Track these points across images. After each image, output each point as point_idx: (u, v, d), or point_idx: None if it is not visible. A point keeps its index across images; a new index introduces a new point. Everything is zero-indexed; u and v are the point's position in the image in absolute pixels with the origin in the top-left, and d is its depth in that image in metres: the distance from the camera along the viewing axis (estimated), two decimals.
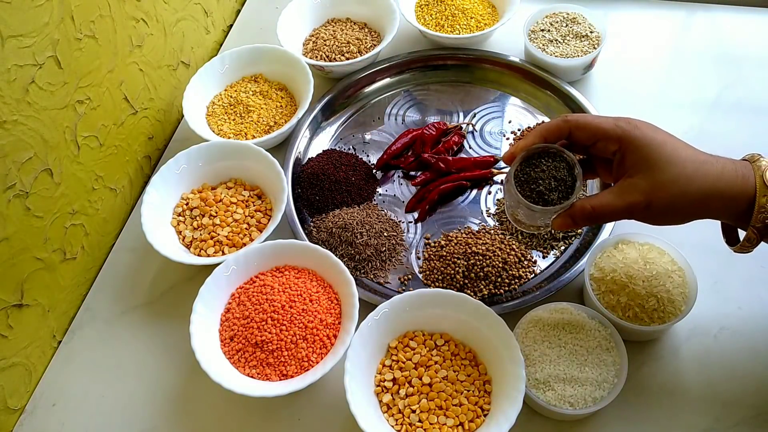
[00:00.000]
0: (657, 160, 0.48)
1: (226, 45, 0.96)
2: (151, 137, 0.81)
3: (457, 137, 0.78)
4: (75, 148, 0.66)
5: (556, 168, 0.52)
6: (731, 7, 0.90)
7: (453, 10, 0.87)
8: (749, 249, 0.50)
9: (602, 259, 0.62)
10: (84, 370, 0.65)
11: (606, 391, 0.54)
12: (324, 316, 0.60)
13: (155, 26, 0.78)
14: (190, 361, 0.63)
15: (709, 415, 0.57)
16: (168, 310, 0.69)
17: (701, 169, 0.48)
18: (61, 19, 0.61)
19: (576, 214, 0.51)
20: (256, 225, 0.70)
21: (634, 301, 0.59)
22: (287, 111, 0.81)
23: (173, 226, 0.71)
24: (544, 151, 0.52)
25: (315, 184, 0.74)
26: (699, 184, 0.48)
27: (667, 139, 0.50)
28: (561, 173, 0.52)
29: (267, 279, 0.64)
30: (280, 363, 0.59)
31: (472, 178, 0.74)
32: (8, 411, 0.62)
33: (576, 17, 0.84)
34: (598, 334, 0.57)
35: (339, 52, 0.86)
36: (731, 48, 0.85)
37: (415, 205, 0.74)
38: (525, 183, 0.52)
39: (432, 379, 0.56)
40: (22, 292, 0.61)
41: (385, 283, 0.68)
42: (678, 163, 0.48)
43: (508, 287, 0.66)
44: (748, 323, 0.62)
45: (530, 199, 0.52)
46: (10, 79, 0.56)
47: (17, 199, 0.59)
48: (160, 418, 0.61)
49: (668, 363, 0.60)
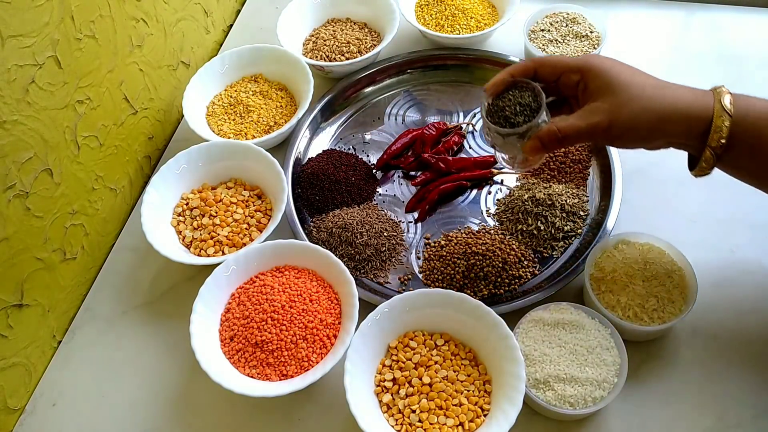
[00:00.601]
0: (617, 84, 0.52)
1: (226, 45, 0.96)
2: (151, 137, 0.81)
3: (457, 137, 0.78)
4: (75, 148, 0.66)
5: (521, 96, 0.56)
6: (731, 7, 0.90)
7: (453, 10, 0.87)
8: (707, 170, 0.52)
9: (602, 259, 0.62)
10: (84, 370, 0.65)
11: (606, 391, 0.54)
12: (324, 316, 0.60)
13: (155, 26, 0.78)
14: (190, 361, 0.63)
15: (709, 415, 0.57)
16: (168, 310, 0.69)
17: (660, 92, 0.51)
18: (61, 19, 0.61)
19: (543, 137, 0.54)
20: (256, 225, 0.70)
21: (634, 301, 0.59)
22: (287, 111, 0.81)
23: (173, 226, 0.71)
24: (512, 85, 0.57)
25: (315, 184, 0.74)
26: (658, 104, 0.51)
27: (626, 67, 0.53)
28: (526, 100, 0.55)
29: (267, 279, 0.64)
30: (280, 363, 0.59)
31: (472, 178, 0.74)
32: (8, 411, 0.62)
33: (576, 17, 0.84)
34: (598, 334, 0.57)
35: (339, 52, 0.86)
36: (731, 48, 0.85)
37: (415, 205, 0.74)
38: (494, 113, 0.56)
39: (432, 379, 0.56)
40: (22, 292, 0.61)
41: (385, 283, 0.68)
42: (637, 85, 0.51)
43: (508, 287, 0.66)
44: (748, 323, 0.62)
45: (498, 124, 0.56)
46: (10, 79, 0.56)
47: (17, 199, 0.59)
48: (161, 418, 0.61)
49: (668, 363, 0.60)
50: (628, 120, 0.51)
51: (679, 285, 0.60)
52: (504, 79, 0.56)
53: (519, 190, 0.72)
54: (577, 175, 0.73)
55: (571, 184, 0.72)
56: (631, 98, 0.51)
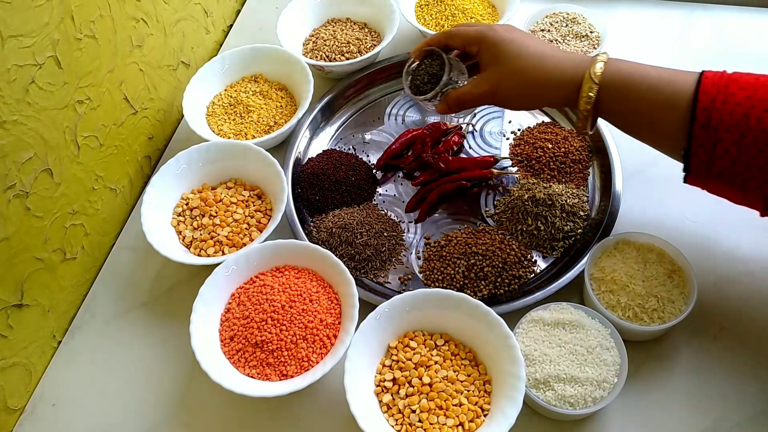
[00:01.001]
0: (504, 56, 0.59)
1: (226, 45, 0.96)
2: (151, 137, 0.81)
3: (457, 137, 0.78)
4: (75, 148, 0.66)
5: (431, 65, 0.65)
6: (731, 7, 0.90)
7: (453, 10, 0.87)
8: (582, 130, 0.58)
9: (602, 259, 0.62)
10: (84, 370, 0.65)
11: (606, 391, 0.54)
12: (324, 316, 0.60)
13: (155, 26, 0.78)
14: (190, 361, 0.63)
15: (709, 415, 0.57)
16: (168, 310, 0.69)
17: (540, 63, 0.58)
18: (61, 19, 0.61)
19: (449, 100, 0.64)
20: (256, 225, 0.70)
21: (634, 301, 0.59)
22: (287, 111, 0.81)
23: (173, 226, 0.71)
24: (428, 53, 0.65)
25: (315, 184, 0.74)
26: (536, 74, 0.58)
27: (517, 37, 0.60)
28: (434, 69, 0.65)
29: (267, 279, 0.64)
30: (280, 363, 0.59)
31: (472, 178, 0.74)
32: (8, 411, 0.62)
33: (576, 17, 0.84)
34: (598, 334, 0.57)
35: (339, 52, 0.86)
36: (731, 48, 0.86)
37: (415, 205, 0.74)
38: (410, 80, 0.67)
39: (432, 379, 0.56)
40: (22, 292, 0.61)
41: (385, 283, 0.68)
42: (520, 57, 0.58)
43: (508, 287, 0.66)
44: (748, 323, 0.62)
45: (412, 90, 0.66)
46: (10, 79, 0.56)
47: (17, 199, 0.59)
48: (161, 417, 0.61)
49: (668, 363, 0.60)
50: (510, 89, 0.60)
51: (679, 285, 0.60)
52: (422, 48, 0.65)
53: (519, 190, 0.72)
54: (577, 175, 0.73)
55: (571, 184, 0.72)
56: (513, 70, 0.59)
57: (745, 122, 0.49)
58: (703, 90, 0.51)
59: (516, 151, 0.77)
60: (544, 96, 0.59)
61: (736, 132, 0.49)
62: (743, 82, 0.50)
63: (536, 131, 0.77)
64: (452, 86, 0.64)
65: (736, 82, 0.50)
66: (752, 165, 0.50)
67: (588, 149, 0.75)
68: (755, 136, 0.49)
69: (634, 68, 0.56)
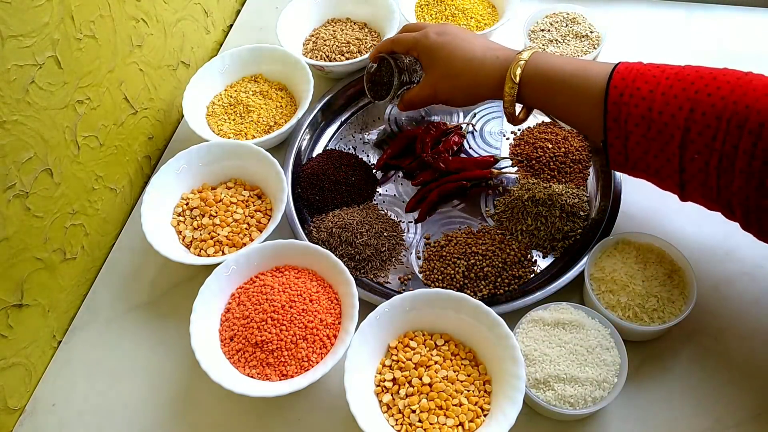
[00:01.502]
0: (435, 62, 0.66)
1: (226, 45, 0.96)
2: (151, 137, 0.81)
3: (457, 137, 0.78)
4: (75, 148, 0.66)
5: (384, 74, 0.73)
6: (731, 7, 0.90)
7: (453, 10, 0.87)
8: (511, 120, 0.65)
9: (602, 259, 0.62)
10: (84, 370, 0.65)
11: (606, 391, 0.54)
12: (324, 316, 0.60)
13: (155, 26, 0.78)
14: (190, 361, 0.63)
15: (709, 416, 0.57)
16: (168, 310, 0.69)
17: (467, 66, 0.64)
18: (61, 19, 0.61)
19: (404, 101, 0.72)
20: (256, 225, 0.70)
21: (634, 301, 0.59)
22: (287, 111, 0.81)
23: (173, 226, 0.71)
24: (381, 60, 0.72)
25: (315, 184, 0.74)
26: (465, 77, 0.65)
27: (448, 42, 0.66)
28: (386, 78, 0.72)
29: (267, 279, 0.64)
30: (280, 363, 0.59)
31: (472, 178, 0.74)
32: (8, 411, 0.62)
33: (576, 17, 0.84)
34: (598, 334, 0.57)
35: (339, 52, 0.86)
36: (731, 48, 0.85)
37: (415, 205, 0.74)
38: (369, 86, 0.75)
39: (432, 379, 0.56)
40: (22, 292, 0.61)
41: (385, 283, 0.68)
42: (449, 63, 0.65)
43: (508, 287, 0.66)
44: (748, 324, 0.62)
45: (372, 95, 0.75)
46: (10, 79, 0.56)
47: (17, 199, 0.59)
48: (160, 418, 0.61)
49: (668, 363, 0.60)
50: (446, 91, 0.67)
51: (679, 285, 0.60)
52: (375, 55, 0.73)
53: (519, 190, 0.72)
54: (577, 175, 0.73)
55: (571, 184, 0.72)
56: (445, 75, 0.66)
57: (649, 115, 0.51)
58: (613, 84, 0.54)
59: (516, 151, 0.77)
60: (477, 94, 0.66)
61: (643, 125, 0.52)
62: (649, 75, 0.53)
63: (536, 131, 0.77)
64: (408, 87, 0.72)
65: (643, 75, 0.53)
66: (661, 156, 0.52)
67: (588, 149, 0.75)
68: (659, 129, 0.51)
69: (552, 64, 0.59)
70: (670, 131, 0.51)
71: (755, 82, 0.48)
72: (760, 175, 0.47)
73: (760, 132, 0.46)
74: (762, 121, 0.46)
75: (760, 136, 0.46)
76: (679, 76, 0.51)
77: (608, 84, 0.54)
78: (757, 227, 0.50)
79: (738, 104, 0.47)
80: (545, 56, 0.60)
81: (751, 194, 0.48)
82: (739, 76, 0.49)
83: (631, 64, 0.55)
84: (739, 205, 0.50)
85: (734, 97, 0.48)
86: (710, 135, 0.49)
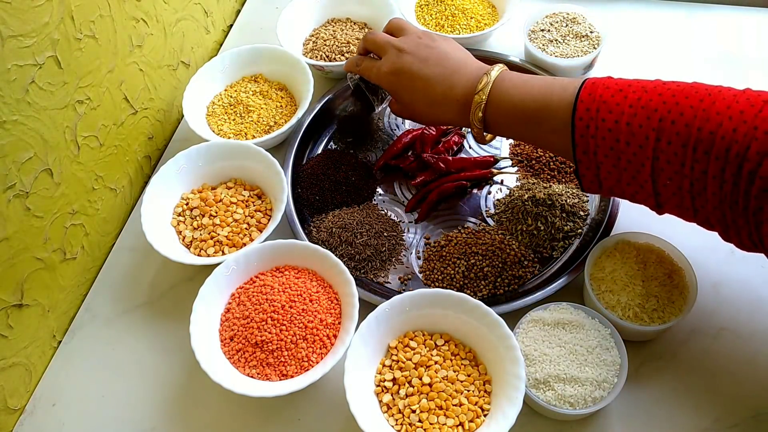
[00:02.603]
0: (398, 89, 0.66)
1: (226, 45, 0.96)
2: (151, 137, 0.81)
3: (457, 137, 0.78)
4: (75, 148, 0.66)
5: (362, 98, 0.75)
6: (731, 7, 0.90)
7: (453, 10, 0.87)
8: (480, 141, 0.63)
9: (602, 259, 0.62)
10: (84, 370, 0.65)
11: (606, 391, 0.54)
12: (324, 316, 0.60)
13: (155, 26, 0.78)
14: (190, 361, 0.63)
15: (708, 416, 0.57)
16: (168, 310, 0.69)
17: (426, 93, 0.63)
18: (61, 19, 0.61)
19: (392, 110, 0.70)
20: (256, 225, 0.70)
21: (634, 301, 0.59)
22: (287, 111, 0.81)
23: (173, 226, 0.71)
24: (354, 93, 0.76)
25: (315, 184, 0.74)
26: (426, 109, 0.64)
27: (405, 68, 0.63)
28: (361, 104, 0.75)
29: (267, 279, 0.64)
30: (280, 363, 0.59)
31: (472, 178, 0.74)
32: (8, 411, 0.62)
33: (576, 17, 0.84)
34: (598, 334, 0.57)
35: (339, 52, 0.86)
36: (731, 48, 0.85)
37: (415, 205, 0.74)
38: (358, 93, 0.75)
39: (432, 379, 0.56)
40: (22, 292, 0.61)
41: (385, 283, 0.68)
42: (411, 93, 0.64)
43: (508, 287, 0.66)
44: (748, 324, 0.62)
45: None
46: (10, 79, 0.56)
47: (17, 199, 0.59)
48: (160, 418, 0.61)
49: (668, 363, 0.60)
50: (413, 116, 0.67)
51: (679, 285, 0.60)
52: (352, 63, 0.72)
53: (519, 190, 0.72)
54: None
55: (571, 184, 0.72)
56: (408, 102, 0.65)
57: (617, 146, 0.51)
58: (578, 117, 0.52)
59: (516, 151, 0.77)
60: (442, 117, 0.65)
61: (612, 156, 0.51)
62: (612, 104, 0.51)
63: None
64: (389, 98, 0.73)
65: (606, 104, 0.51)
66: (633, 183, 0.52)
67: None
68: (629, 159, 0.50)
69: (511, 99, 0.58)
70: (639, 161, 0.50)
71: (718, 104, 0.47)
72: (732, 197, 0.46)
73: (727, 156, 0.45)
74: (728, 147, 0.45)
75: (727, 160, 0.45)
76: (642, 102, 0.50)
77: (573, 116, 0.53)
78: (737, 240, 0.50)
79: (702, 131, 0.47)
80: (505, 89, 0.58)
81: (726, 213, 0.48)
82: (702, 97, 0.48)
83: (595, 85, 0.53)
84: (717, 223, 0.50)
85: (698, 123, 0.47)
86: (678, 162, 0.48)
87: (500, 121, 0.59)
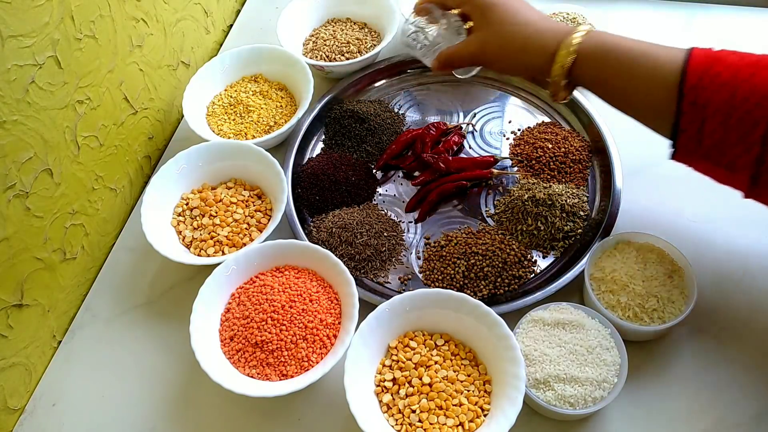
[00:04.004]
0: (490, 19, 0.62)
1: (226, 45, 0.96)
2: (151, 137, 0.81)
3: (457, 137, 0.78)
4: (75, 148, 0.66)
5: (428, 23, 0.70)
6: (731, 7, 0.90)
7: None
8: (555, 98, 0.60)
9: (602, 259, 0.62)
10: (84, 370, 0.65)
11: (606, 391, 0.54)
12: (324, 316, 0.60)
13: (155, 26, 0.78)
14: (190, 361, 0.63)
15: (709, 416, 0.57)
16: (168, 310, 0.69)
17: (523, 28, 0.60)
18: (61, 19, 0.61)
19: (440, 58, 0.67)
20: (256, 225, 0.70)
21: (634, 301, 0.59)
22: (287, 111, 0.81)
23: (173, 226, 0.71)
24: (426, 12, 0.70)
25: (315, 184, 0.74)
26: (517, 39, 0.60)
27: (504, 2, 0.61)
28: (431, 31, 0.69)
29: (267, 279, 0.64)
30: (280, 363, 0.59)
31: (472, 178, 0.74)
32: (8, 411, 0.62)
33: (576, 17, 0.84)
34: (598, 334, 0.57)
35: (339, 52, 0.86)
36: (731, 48, 0.85)
37: (415, 205, 0.74)
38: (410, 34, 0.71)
39: (432, 379, 0.56)
40: (22, 292, 0.61)
41: (385, 283, 0.68)
42: (504, 22, 0.61)
43: (507, 287, 0.66)
44: (748, 323, 0.62)
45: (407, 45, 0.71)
46: (10, 79, 0.56)
47: (17, 199, 0.59)
48: (160, 417, 0.61)
49: (668, 363, 0.60)
50: (494, 52, 0.62)
51: (679, 285, 0.60)
52: (422, 7, 0.69)
53: (519, 190, 0.72)
54: (577, 175, 0.73)
55: (571, 184, 0.72)
56: (498, 33, 0.61)
57: (731, 102, 0.49)
58: (691, 68, 0.51)
59: (516, 151, 0.77)
60: (524, 60, 0.61)
61: (723, 111, 0.49)
62: (729, 61, 0.50)
63: (536, 131, 0.77)
64: (444, 44, 0.67)
65: (722, 61, 0.50)
66: (739, 145, 0.49)
67: (588, 149, 0.75)
68: (741, 117, 0.48)
69: (618, 40, 0.56)
70: (753, 119, 0.47)
71: None
72: None
73: None
74: None
75: None
76: (761, 63, 0.48)
77: (685, 66, 0.51)
78: None
79: None
80: (607, 33, 0.57)
81: None
82: None
83: (704, 49, 0.52)
84: None
85: None
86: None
87: (595, 58, 0.56)
